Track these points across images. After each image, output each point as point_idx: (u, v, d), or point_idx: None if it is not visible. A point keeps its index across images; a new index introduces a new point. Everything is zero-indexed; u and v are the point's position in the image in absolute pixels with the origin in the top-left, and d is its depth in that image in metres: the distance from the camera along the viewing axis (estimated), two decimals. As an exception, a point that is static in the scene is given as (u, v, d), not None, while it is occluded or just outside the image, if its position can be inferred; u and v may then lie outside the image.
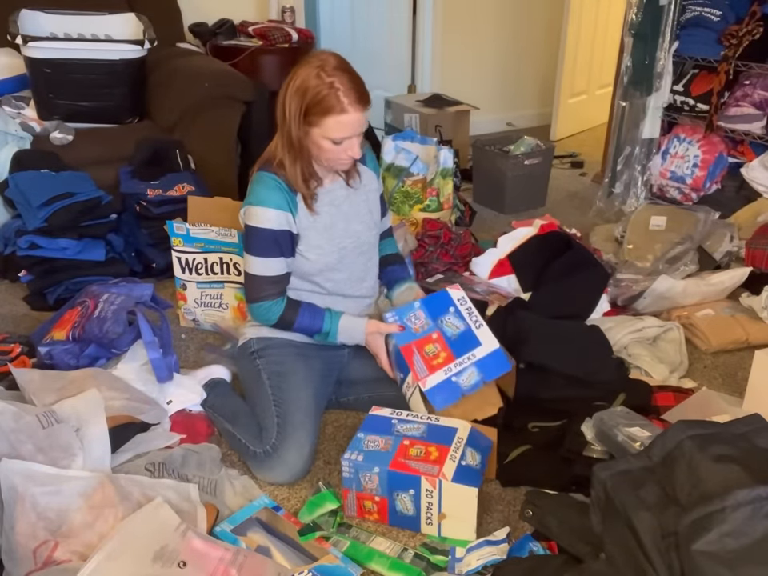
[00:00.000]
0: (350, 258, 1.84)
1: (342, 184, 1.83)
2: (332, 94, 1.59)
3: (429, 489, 1.50)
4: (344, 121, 1.61)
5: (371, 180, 1.91)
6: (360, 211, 1.86)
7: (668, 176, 3.37)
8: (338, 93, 1.59)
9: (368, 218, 1.88)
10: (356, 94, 1.61)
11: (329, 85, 1.59)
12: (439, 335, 1.76)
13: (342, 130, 1.63)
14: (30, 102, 2.90)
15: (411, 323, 1.78)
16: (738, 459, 1.15)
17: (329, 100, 1.59)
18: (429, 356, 1.73)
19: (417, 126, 3.77)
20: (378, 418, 1.68)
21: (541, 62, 4.93)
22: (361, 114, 1.63)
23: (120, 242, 2.64)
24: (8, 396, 1.68)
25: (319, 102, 1.60)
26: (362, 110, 1.63)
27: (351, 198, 1.84)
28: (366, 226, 1.87)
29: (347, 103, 1.60)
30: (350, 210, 1.83)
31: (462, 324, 1.78)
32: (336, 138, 1.64)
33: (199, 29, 3.60)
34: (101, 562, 1.23)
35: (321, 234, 1.78)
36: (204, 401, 1.89)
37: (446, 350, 1.74)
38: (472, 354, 1.73)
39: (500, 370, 1.74)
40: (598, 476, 1.24)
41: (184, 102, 2.97)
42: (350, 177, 1.83)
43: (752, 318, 2.32)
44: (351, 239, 1.83)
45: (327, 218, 1.79)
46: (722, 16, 3.04)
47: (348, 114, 1.61)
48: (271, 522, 1.54)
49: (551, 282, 2.35)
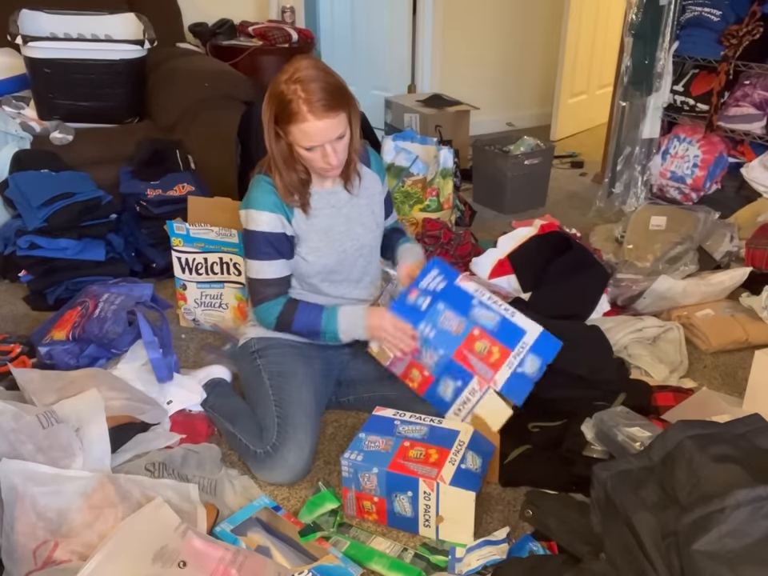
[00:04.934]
0: (349, 260, 1.84)
1: (344, 187, 1.81)
2: (294, 102, 1.55)
3: (427, 491, 1.50)
4: (306, 129, 1.57)
5: (374, 183, 1.89)
6: (362, 214, 1.85)
7: (668, 176, 3.37)
8: (299, 101, 1.54)
9: (370, 220, 1.86)
10: (319, 101, 1.55)
11: (292, 92, 1.55)
12: (481, 331, 1.70)
13: (307, 138, 1.59)
14: (30, 102, 2.90)
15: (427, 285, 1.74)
16: (738, 459, 1.15)
17: (291, 108, 1.56)
18: (483, 354, 1.68)
19: (417, 126, 3.77)
20: (381, 419, 1.67)
21: (541, 62, 4.93)
22: (328, 122, 1.57)
23: (120, 241, 2.64)
24: (8, 396, 1.68)
25: (283, 109, 1.57)
26: (327, 118, 1.56)
27: (353, 202, 1.83)
28: (367, 228, 1.86)
29: (307, 111, 1.54)
30: (351, 213, 1.82)
31: (494, 315, 1.72)
32: (304, 146, 1.61)
33: (199, 29, 3.60)
34: (101, 562, 1.23)
35: (320, 237, 1.78)
36: (204, 401, 1.89)
37: (496, 344, 1.68)
38: (524, 342, 1.69)
39: (554, 349, 1.70)
40: (598, 476, 1.24)
41: (184, 101, 2.97)
42: (347, 181, 1.80)
43: (752, 317, 2.32)
44: (352, 242, 1.82)
45: (326, 221, 1.79)
46: (721, 16, 3.04)
47: (308, 122, 1.56)
48: (271, 522, 1.54)
49: (551, 282, 2.35)
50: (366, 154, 1.87)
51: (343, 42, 4.81)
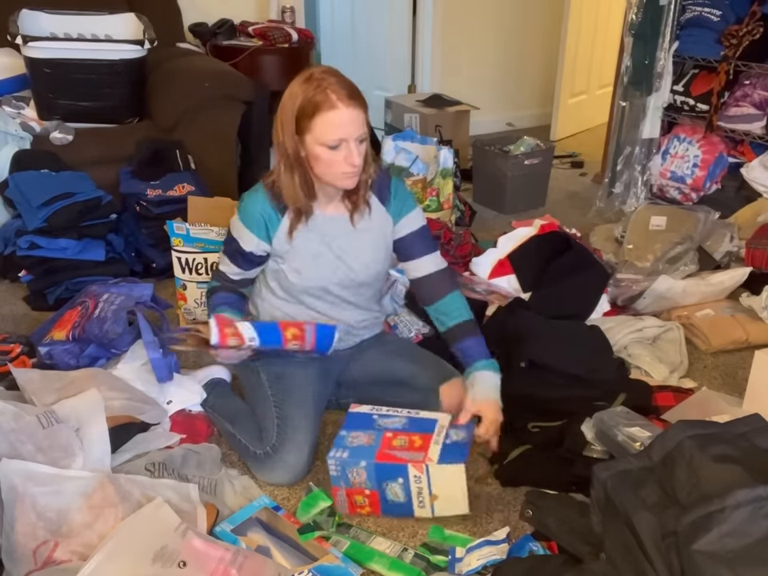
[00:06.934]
0: (338, 289, 1.76)
1: (347, 218, 1.71)
2: (320, 92, 1.51)
3: (417, 474, 1.52)
4: (334, 119, 1.51)
5: (385, 223, 1.75)
6: (361, 249, 1.74)
7: (668, 176, 3.37)
8: (326, 90, 1.51)
9: (369, 258, 1.75)
10: (346, 91, 1.53)
11: (316, 84, 1.52)
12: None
13: (334, 129, 1.52)
14: (30, 102, 2.90)
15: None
16: (738, 459, 1.15)
17: (317, 98, 1.52)
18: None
19: (417, 126, 3.77)
20: (359, 415, 1.69)
21: (541, 62, 4.93)
22: (353, 112, 1.52)
23: (120, 242, 2.64)
24: (8, 396, 1.68)
25: (308, 101, 1.52)
26: (354, 107, 1.52)
27: (353, 235, 1.72)
28: (363, 265, 1.75)
29: (336, 98, 1.51)
30: (346, 246, 1.72)
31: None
32: (329, 140, 1.53)
33: (199, 29, 3.60)
34: (101, 562, 1.23)
35: (306, 260, 1.71)
36: (204, 401, 1.89)
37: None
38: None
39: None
40: (598, 476, 1.24)
41: (184, 102, 2.97)
42: (355, 210, 1.70)
43: (752, 317, 2.32)
44: (345, 274, 1.74)
45: (315, 247, 1.71)
46: (721, 16, 3.04)
47: (338, 109, 1.50)
48: (271, 522, 1.54)
49: (551, 282, 2.35)
50: (386, 191, 1.74)
51: (343, 42, 4.81)
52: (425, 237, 1.79)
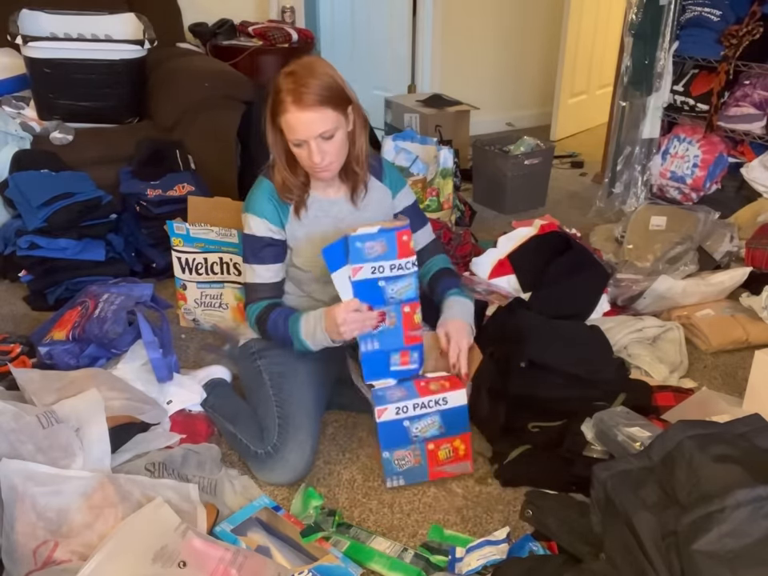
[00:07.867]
0: None
1: (348, 198, 1.79)
2: (282, 92, 1.57)
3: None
4: (289, 121, 1.57)
5: (385, 197, 1.84)
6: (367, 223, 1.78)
7: (668, 176, 3.37)
8: (286, 92, 1.56)
9: None
10: (306, 94, 1.55)
11: (284, 83, 1.57)
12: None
13: (291, 131, 1.59)
14: (30, 102, 2.90)
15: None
16: (738, 459, 1.15)
17: (279, 98, 1.58)
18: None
19: (417, 126, 3.77)
20: (390, 425, 1.62)
21: (541, 62, 4.93)
22: (308, 115, 1.56)
23: (120, 242, 2.64)
24: (8, 396, 1.68)
25: (274, 100, 1.60)
26: (310, 111, 1.55)
27: (356, 215, 1.80)
28: None
29: (290, 101, 1.56)
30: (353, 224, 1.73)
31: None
32: (291, 139, 1.61)
33: (199, 29, 3.60)
34: (101, 562, 1.23)
35: (315, 246, 1.74)
36: (204, 401, 1.89)
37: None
38: None
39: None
40: (598, 476, 1.24)
41: (184, 102, 2.97)
42: (353, 191, 1.77)
43: (752, 317, 2.32)
44: None
45: (323, 230, 1.75)
46: (722, 16, 3.04)
47: (289, 113, 1.56)
48: (271, 522, 1.54)
49: (551, 282, 2.35)
50: (379, 167, 1.84)
51: (343, 42, 4.81)
52: (417, 211, 1.91)
